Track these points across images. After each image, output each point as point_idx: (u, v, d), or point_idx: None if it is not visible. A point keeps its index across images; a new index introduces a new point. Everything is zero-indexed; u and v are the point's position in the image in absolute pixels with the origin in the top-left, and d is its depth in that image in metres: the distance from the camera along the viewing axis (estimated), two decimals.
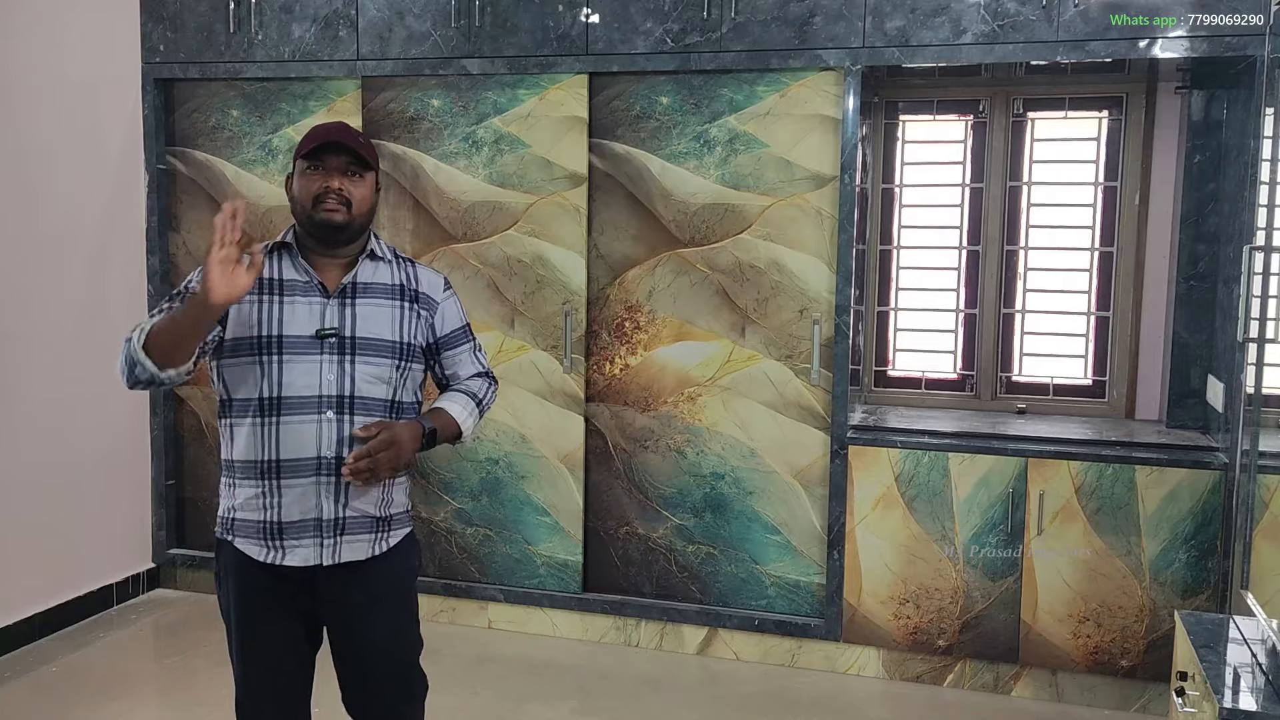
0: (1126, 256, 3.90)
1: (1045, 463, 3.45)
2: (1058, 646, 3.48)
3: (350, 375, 2.12)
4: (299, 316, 2.11)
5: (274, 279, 2.13)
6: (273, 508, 2.11)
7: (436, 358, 2.32)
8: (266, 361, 2.09)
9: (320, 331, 2.11)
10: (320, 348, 2.11)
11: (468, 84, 3.88)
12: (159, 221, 4.26)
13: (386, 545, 2.21)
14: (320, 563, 2.13)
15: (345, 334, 2.13)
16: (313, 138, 2.14)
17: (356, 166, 2.15)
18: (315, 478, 2.10)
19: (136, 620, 4.12)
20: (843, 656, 3.72)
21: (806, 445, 3.69)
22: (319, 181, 2.12)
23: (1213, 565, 3.32)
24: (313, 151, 2.12)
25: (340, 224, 2.13)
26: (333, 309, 2.14)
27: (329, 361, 2.11)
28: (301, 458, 2.09)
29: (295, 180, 2.16)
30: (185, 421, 4.36)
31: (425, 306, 2.26)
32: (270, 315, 2.10)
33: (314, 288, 2.15)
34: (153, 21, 4.16)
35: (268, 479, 2.10)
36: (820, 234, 3.61)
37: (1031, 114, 3.97)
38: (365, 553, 2.17)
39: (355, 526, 2.15)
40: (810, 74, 3.57)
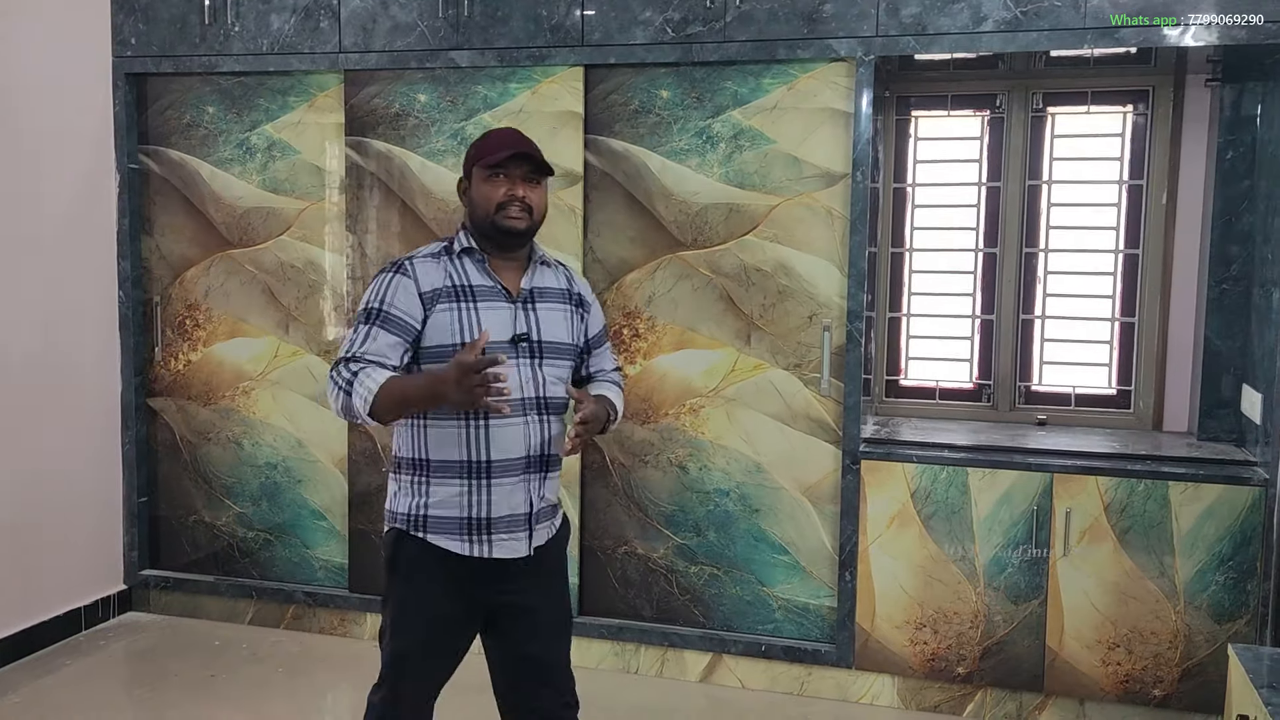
0: (1153, 259, 3.69)
1: (1071, 478, 3.24)
2: (1085, 674, 3.26)
3: (541, 378, 2.23)
4: (493, 322, 2.20)
5: (465, 285, 2.22)
6: (479, 504, 2.20)
7: (586, 356, 2.44)
8: None
9: (516, 336, 2.21)
10: (516, 352, 2.20)
11: (456, 77, 3.67)
12: (131, 224, 4.04)
13: (555, 527, 2.36)
14: (528, 552, 2.25)
15: (534, 338, 2.24)
16: (497, 146, 2.22)
17: (536, 174, 2.24)
18: (524, 476, 2.22)
19: (106, 646, 3.89)
20: (855, 684, 3.50)
21: (816, 460, 3.47)
22: (503, 189, 2.20)
23: (1252, 588, 3.11)
24: (500, 161, 2.20)
25: (523, 230, 2.23)
26: (520, 314, 2.24)
27: (524, 365, 2.21)
28: (512, 458, 2.20)
29: (475, 186, 2.25)
30: (159, 435, 4.14)
31: (585, 309, 2.40)
32: (469, 322, 2.19)
33: (500, 293, 2.24)
34: (123, 13, 3.94)
35: (475, 478, 2.20)
36: (830, 235, 3.40)
37: (1052, 109, 3.76)
38: (547, 536, 2.32)
39: (543, 515, 2.29)
40: (820, 65, 3.36)
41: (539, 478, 2.26)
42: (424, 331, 2.18)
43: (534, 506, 2.26)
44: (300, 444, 3.98)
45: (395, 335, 2.17)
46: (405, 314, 2.17)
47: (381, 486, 3.86)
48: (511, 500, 2.22)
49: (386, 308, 2.18)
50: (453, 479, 2.20)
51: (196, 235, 4.03)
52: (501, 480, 2.21)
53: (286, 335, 3.96)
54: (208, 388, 4.07)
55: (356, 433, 3.87)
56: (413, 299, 2.18)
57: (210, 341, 4.05)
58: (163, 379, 4.12)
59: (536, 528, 2.27)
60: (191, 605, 4.14)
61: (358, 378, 2.11)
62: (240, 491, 4.06)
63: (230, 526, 4.08)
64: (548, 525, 2.32)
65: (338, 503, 3.95)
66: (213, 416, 4.07)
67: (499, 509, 2.21)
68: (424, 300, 2.18)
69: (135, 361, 4.09)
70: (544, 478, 2.27)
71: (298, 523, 4.01)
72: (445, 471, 2.21)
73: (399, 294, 2.18)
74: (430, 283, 2.19)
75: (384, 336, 2.16)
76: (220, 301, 4.02)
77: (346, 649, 3.89)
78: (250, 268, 3.98)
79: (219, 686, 3.57)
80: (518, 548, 2.24)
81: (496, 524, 2.22)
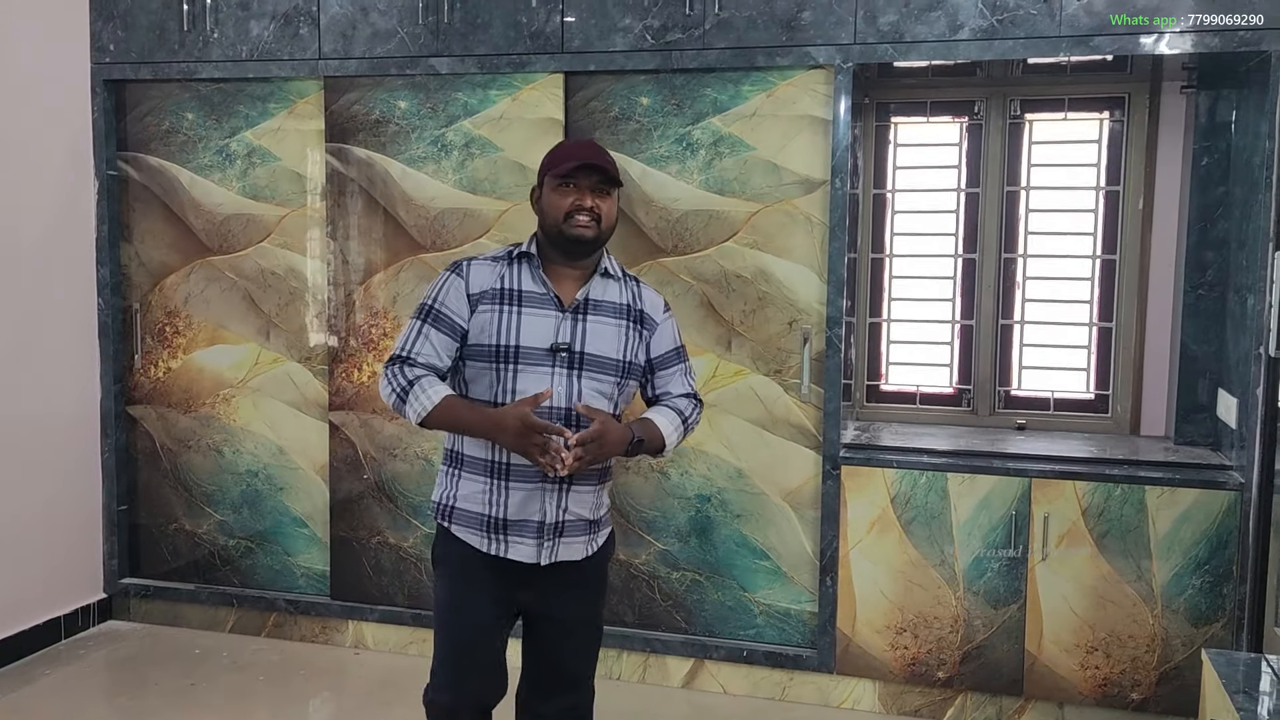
0: (1130, 264, 3.72)
1: (1049, 483, 3.25)
2: (1064, 678, 3.28)
3: (577, 389, 2.25)
4: (535, 328, 2.25)
5: (514, 289, 2.28)
6: (498, 505, 2.26)
7: (650, 376, 2.43)
8: (502, 369, 2.24)
9: (555, 345, 2.24)
10: (553, 361, 2.24)
11: (436, 84, 3.66)
12: (110, 230, 4.02)
13: (596, 546, 2.37)
14: (539, 561, 2.27)
15: (575, 349, 2.25)
16: (566, 157, 2.28)
17: (605, 184, 2.28)
18: (540, 483, 2.25)
19: (86, 655, 3.87)
20: (836, 689, 3.51)
21: (797, 465, 3.48)
22: (572, 198, 2.25)
23: (1229, 591, 3.13)
24: (569, 171, 2.24)
25: (590, 239, 2.26)
26: (566, 324, 2.27)
27: (559, 374, 2.24)
28: (529, 464, 2.21)
29: (545, 195, 2.30)
30: (139, 443, 4.12)
31: (647, 327, 2.38)
32: (509, 325, 2.25)
33: (550, 301, 2.28)
34: (102, 20, 3.93)
35: (495, 478, 2.26)
36: (810, 241, 3.41)
37: (1029, 115, 3.79)
38: (581, 554, 2.33)
39: (572, 530, 2.30)
40: (798, 73, 3.38)
41: (561, 489, 2.27)
42: (469, 328, 2.28)
43: (551, 517, 2.27)
44: (281, 451, 3.97)
45: (444, 334, 2.28)
46: (454, 313, 2.28)
47: (363, 494, 3.85)
48: (527, 506, 2.26)
49: (438, 306, 2.29)
50: (478, 476, 2.28)
51: (176, 242, 4.01)
52: (519, 484, 2.25)
53: (267, 342, 3.95)
54: (188, 395, 4.05)
55: (338, 440, 3.86)
56: (461, 299, 2.28)
57: (190, 349, 4.04)
58: (142, 386, 4.10)
59: (559, 541, 2.29)
60: (172, 614, 4.13)
61: (415, 385, 2.23)
62: (221, 499, 4.04)
63: (211, 534, 4.07)
64: (583, 541, 2.33)
65: (319, 510, 3.94)
66: (193, 424, 4.05)
67: (514, 512, 2.26)
68: (471, 300, 2.28)
69: (115, 369, 4.07)
70: (568, 490, 2.28)
71: (279, 530, 4.00)
72: (473, 467, 2.29)
73: (450, 293, 2.29)
74: (479, 284, 2.28)
75: (434, 335, 2.28)
76: (200, 308, 4.01)
77: (328, 657, 3.88)
78: (230, 274, 3.96)
79: (200, 695, 3.55)
80: (529, 553, 2.27)
81: (511, 526, 2.27)
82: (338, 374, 3.85)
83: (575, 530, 2.31)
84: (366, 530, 3.86)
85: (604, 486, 2.38)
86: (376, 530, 3.85)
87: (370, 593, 3.88)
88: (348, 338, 3.83)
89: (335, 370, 3.85)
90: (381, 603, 3.87)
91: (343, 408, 3.85)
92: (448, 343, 2.29)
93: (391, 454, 3.81)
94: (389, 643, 3.91)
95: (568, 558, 2.30)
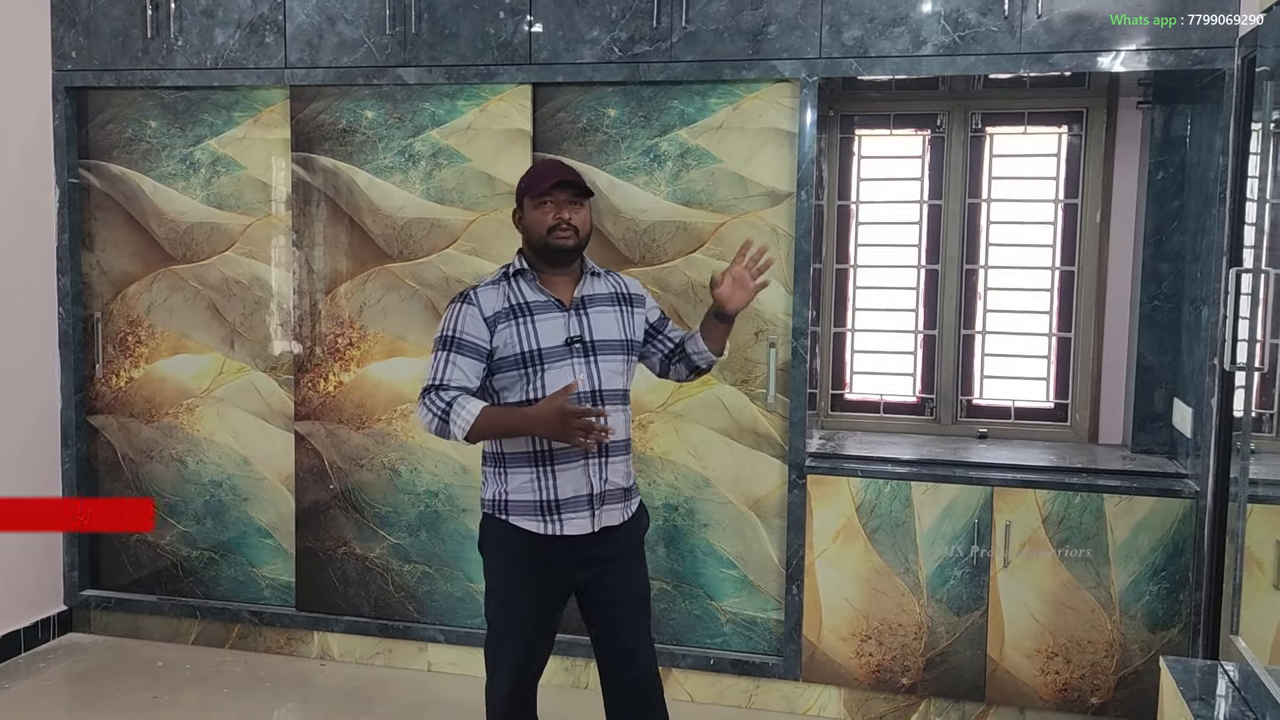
0: (1088, 276, 3.79)
1: (1011, 492, 3.31)
2: (1025, 684, 3.33)
3: (597, 373, 2.53)
4: (550, 330, 2.52)
5: (522, 303, 2.53)
6: (548, 489, 2.51)
7: (660, 335, 2.74)
8: (531, 372, 2.50)
9: (569, 339, 2.50)
10: (570, 353, 2.51)
11: (403, 94, 3.66)
12: (71, 239, 3.98)
13: (629, 513, 2.63)
14: (592, 530, 2.53)
15: (586, 339, 2.53)
16: (541, 178, 2.54)
17: (578, 197, 2.54)
18: (584, 462, 2.51)
19: (46, 669, 3.82)
20: (802, 697, 3.54)
21: (763, 474, 3.51)
22: (551, 214, 2.51)
23: (1185, 598, 3.20)
24: (544, 190, 2.50)
25: (572, 247, 2.54)
26: (573, 320, 2.54)
27: (579, 364, 2.52)
28: (570, 447, 2.46)
29: (527, 214, 2.56)
30: (100, 454, 4.08)
31: (636, 305, 2.69)
32: (527, 333, 2.51)
33: (553, 305, 2.54)
34: (64, 26, 3.89)
35: (542, 465, 2.50)
36: (776, 253, 3.44)
37: (990, 129, 3.85)
38: (619, 519, 2.59)
39: (611, 498, 2.56)
40: (764, 86, 3.41)
41: (601, 462, 2.53)
42: (493, 348, 2.50)
43: (596, 488, 2.53)
44: (246, 461, 3.94)
45: (469, 358, 2.50)
46: (475, 338, 2.51)
47: (328, 504, 3.84)
48: (576, 483, 2.51)
49: (459, 335, 2.51)
50: (525, 467, 2.52)
51: (139, 251, 3.98)
52: (564, 466, 2.50)
53: (232, 351, 3.92)
54: (150, 405, 4.01)
55: (304, 450, 3.84)
56: (479, 324, 2.51)
57: (153, 358, 4.00)
58: (104, 396, 4.06)
59: (602, 509, 2.55)
60: (134, 626, 4.08)
61: (454, 406, 2.44)
62: (184, 509, 4.01)
63: (174, 545, 4.03)
64: (620, 507, 2.59)
65: (284, 520, 3.92)
66: (155, 434, 4.01)
67: (564, 491, 2.51)
68: (488, 323, 2.51)
69: (75, 378, 4.02)
70: (606, 462, 2.54)
71: (243, 541, 3.97)
72: (518, 461, 2.52)
73: (467, 321, 2.52)
74: (491, 307, 2.52)
75: (462, 360, 2.50)
76: (163, 318, 3.97)
77: (294, 668, 3.85)
78: (194, 284, 3.93)
79: (163, 708, 3.52)
80: (583, 525, 2.52)
81: (564, 505, 2.51)
82: (303, 383, 3.83)
83: (614, 498, 2.57)
84: (332, 540, 3.84)
85: (629, 457, 2.63)
86: (343, 540, 3.83)
87: (336, 603, 3.86)
88: (313, 347, 3.82)
89: (301, 380, 3.84)
90: (347, 613, 3.85)
91: (308, 418, 3.83)
92: (475, 365, 2.51)
93: (358, 464, 3.79)
94: (355, 653, 3.89)
95: (609, 523, 2.56)
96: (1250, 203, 2.46)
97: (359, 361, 3.77)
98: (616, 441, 2.56)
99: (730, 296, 2.63)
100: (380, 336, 3.75)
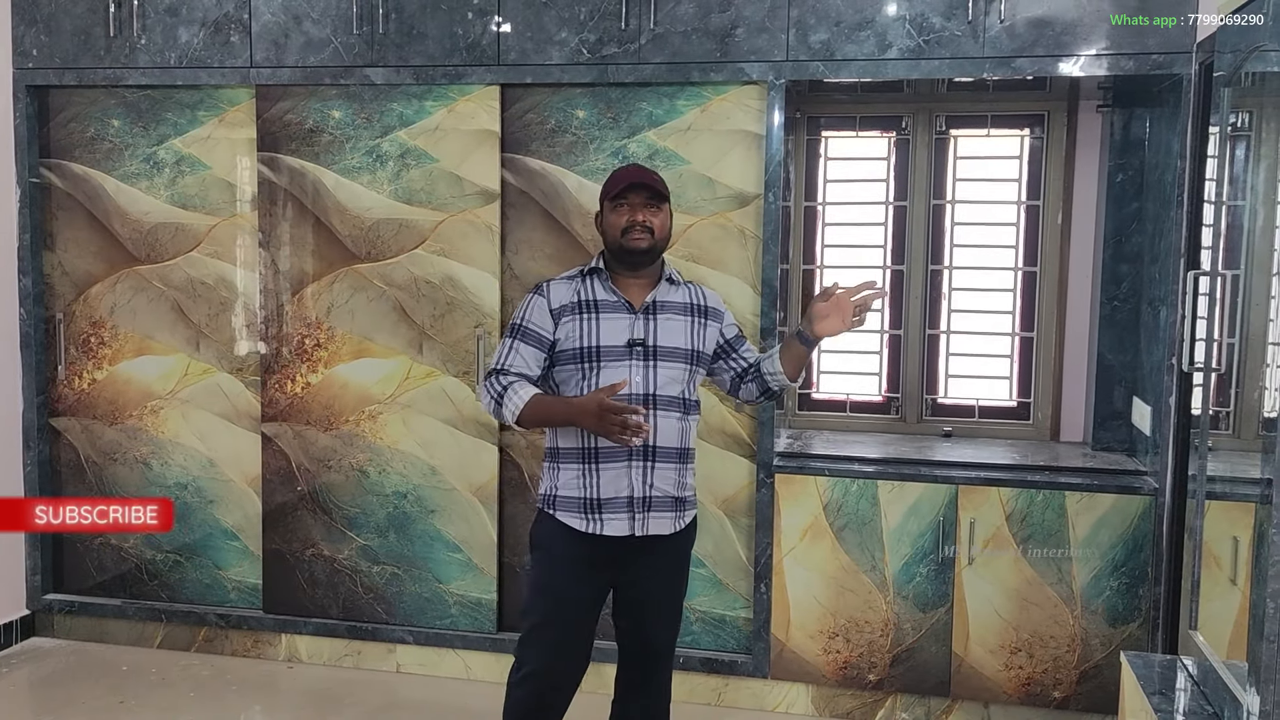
0: (1050, 276, 3.85)
1: (975, 489, 3.36)
2: (989, 679, 3.39)
3: (654, 377, 2.55)
4: (612, 330, 2.56)
5: (590, 300, 2.59)
6: (591, 486, 2.54)
7: (733, 353, 2.74)
8: (588, 368, 2.55)
9: (631, 341, 2.54)
10: (630, 355, 2.55)
11: (371, 94, 3.65)
12: (32, 239, 3.93)
13: (683, 523, 2.64)
14: (633, 533, 2.55)
15: (649, 343, 2.56)
16: (618, 181, 2.59)
17: (654, 200, 2.59)
18: (627, 463, 2.53)
19: (8, 674, 3.77)
20: (771, 694, 3.58)
21: (732, 474, 3.54)
22: (626, 216, 2.57)
23: (1144, 592, 3.26)
24: (620, 192, 2.56)
25: (646, 249, 2.57)
26: (639, 323, 2.58)
27: (637, 366, 2.55)
28: (615, 446, 2.50)
29: (605, 217, 2.62)
30: (62, 455, 4.03)
31: (713, 318, 2.70)
32: (589, 330, 2.56)
33: (622, 306, 2.59)
34: (24, 24, 3.84)
35: (587, 463, 2.54)
36: (744, 254, 3.47)
37: (954, 131, 3.90)
38: (669, 528, 2.60)
39: (660, 505, 2.57)
40: (732, 88, 3.44)
41: (646, 466, 2.55)
42: (556, 339, 2.57)
43: (639, 492, 2.54)
44: (212, 463, 3.91)
45: (533, 347, 2.58)
46: (540, 328, 2.58)
47: (296, 505, 3.82)
48: (617, 484, 2.54)
49: (526, 324, 2.60)
50: (573, 463, 2.57)
51: (101, 251, 3.93)
52: (608, 465, 2.54)
53: (197, 352, 3.89)
54: (114, 407, 3.97)
55: (270, 451, 3.82)
56: (545, 315, 2.58)
57: (116, 359, 3.96)
58: (66, 398, 4.01)
59: (648, 514, 2.56)
60: (98, 630, 4.04)
61: (508, 391, 2.51)
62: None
63: (138, 548, 4.00)
64: (671, 517, 2.60)
65: (251, 522, 3.90)
66: (119, 436, 3.97)
67: (606, 491, 2.54)
68: (554, 315, 2.58)
69: (37, 380, 3.98)
70: (652, 466, 2.55)
71: (209, 543, 3.95)
72: (568, 457, 2.58)
73: (535, 312, 2.60)
74: (559, 299, 2.59)
75: (524, 349, 2.58)
76: (126, 319, 3.93)
77: (261, 671, 3.83)
78: (158, 284, 3.90)
79: (128, 713, 3.49)
80: (623, 527, 2.54)
81: (605, 505, 2.54)
82: (270, 385, 3.81)
83: (663, 506, 2.58)
84: (300, 542, 3.83)
85: (686, 467, 2.63)
86: (310, 542, 3.82)
87: (304, 605, 3.84)
88: (280, 348, 3.80)
89: (268, 381, 3.81)
90: (315, 615, 3.84)
91: (275, 419, 3.81)
92: (536, 354, 2.58)
93: (326, 465, 3.78)
94: (323, 655, 3.88)
95: (658, 531, 2.58)
96: (1208, 205, 2.51)
97: (327, 362, 3.76)
98: (668, 448, 2.56)
99: (825, 316, 2.62)
100: (348, 337, 3.74)
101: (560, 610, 2.60)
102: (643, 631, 2.70)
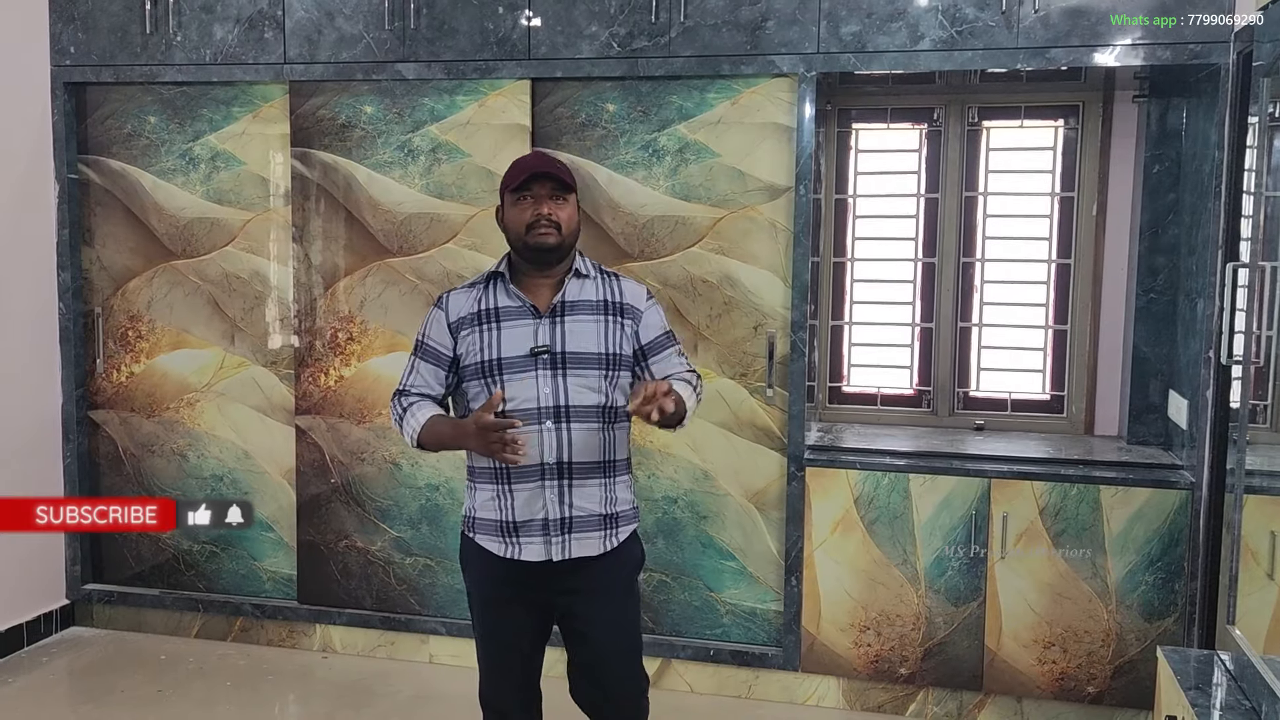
0: (1084, 268, 3.81)
1: (1008, 483, 3.34)
2: (1022, 673, 3.37)
3: (564, 387, 2.33)
4: (514, 339, 2.35)
5: (490, 309, 2.39)
6: (506, 509, 2.36)
7: (645, 361, 2.46)
8: (491, 382, 2.34)
9: (534, 349, 2.34)
10: (535, 364, 2.33)
11: (403, 89, 3.67)
12: (71, 235, 3.99)
13: (615, 541, 2.42)
14: (550, 558, 2.35)
15: (556, 350, 2.34)
16: (518, 171, 2.37)
17: (560, 191, 2.36)
18: (540, 482, 2.34)
19: (49, 663, 3.84)
20: (801, 687, 3.57)
21: (762, 467, 3.54)
22: (530, 209, 2.34)
23: (1180, 587, 3.23)
24: (522, 183, 2.34)
25: (553, 245, 2.35)
26: (544, 328, 2.36)
27: (544, 376, 2.33)
28: (527, 465, 2.32)
29: (506, 211, 2.40)
30: (101, 448, 4.09)
31: (629, 317, 2.44)
32: (490, 341, 2.36)
33: (526, 311, 2.38)
34: (62, 22, 3.89)
35: (501, 484, 2.36)
36: (774, 247, 3.47)
37: (987, 122, 3.87)
38: (596, 549, 2.38)
39: (583, 525, 2.37)
40: (763, 81, 3.43)
41: (562, 484, 2.35)
42: (458, 353, 2.40)
43: (555, 514, 2.35)
44: (247, 455, 3.96)
45: (431, 364, 2.43)
46: (438, 344, 2.43)
47: (329, 497, 3.86)
48: (532, 506, 2.36)
49: (425, 340, 2.45)
50: (488, 483, 2.40)
51: (139, 246, 3.98)
52: (521, 486, 2.35)
53: (232, 346, 3.94)
54: (151, 400, 4.03)
55: (305, 444, 3.86)
56: (443, 330, 2.42)
57: (153, 353, 4.01)
58: (104, 391, 4.07)
59: (570, 536, 2.36)
60: (136, 619, 4.10)
61: (407, 413, 2.40)
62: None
63: (175, 539, 4.05)
64: (598, 536, 2.39)
65: (285, 514, 3.94)
66: (156, 429, 4.03)
67: (521, 513, 2.36)
68: (451, 329, 2.41)
69: (76, 374, 4.04)
70: (569, 485, 2.35)
71: (245, 534, 3.99)
72: (484, 477, 2.41)
73: (433, 327, 2.44)
74: (458, 312, 2.41)
75: (424, 367, 2.44)
76: (163, 313, 3.98)
77: (296, 661, 3.88)
78: (194, 279, 3.94)
79: (166, 702, 3.54)
80: (539, 552, 2.35)
81: (521, 528, 2.36)
82: (304, 378, 3.85)
83: (587, 526, 2.38)
84: (334, 534, 3.86)
85: (617, 480, 2.42)
86: (344, 534, 3.85)
87: (338, 596, 3.88)
88: (313, 342, 3.83)
89: (301, 374, 3.85)
90: (349, 606, 3.88)
91: (309, 412, 3.85)
92: (437, 372, 2.43)
93: (359, 458, 3.81)
94: (357, 646, 3.92)
95: (583, 553, 2.37)
96: (1246, 196, 2.48)
97: (359, 356, 3.79)
98: (588, 463, 2.36)
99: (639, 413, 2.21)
100: (381, 331, 3.76)
101: (488, 648, 2.48)
102: (592, 675, 2.49)
